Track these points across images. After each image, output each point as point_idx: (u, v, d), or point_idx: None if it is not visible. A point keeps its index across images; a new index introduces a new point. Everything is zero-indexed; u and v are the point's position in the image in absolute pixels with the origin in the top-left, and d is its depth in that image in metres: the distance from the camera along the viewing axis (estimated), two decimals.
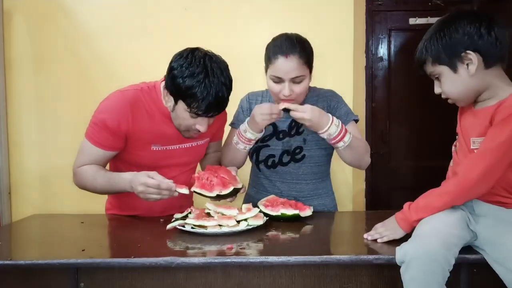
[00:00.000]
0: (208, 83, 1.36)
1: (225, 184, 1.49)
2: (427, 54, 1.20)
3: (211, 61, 1.40)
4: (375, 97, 2.78)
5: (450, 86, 1.19)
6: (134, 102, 1.48)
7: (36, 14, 2.37)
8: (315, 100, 1.69)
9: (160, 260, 1.13)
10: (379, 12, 2.73)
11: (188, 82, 1.36)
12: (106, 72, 2.38)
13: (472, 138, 1.19)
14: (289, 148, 1.68)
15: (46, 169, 2.42)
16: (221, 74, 1.39)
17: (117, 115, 1.45)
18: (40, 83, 2.40)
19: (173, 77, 1.39)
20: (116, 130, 1.46)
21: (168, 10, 2.36)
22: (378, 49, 2.76)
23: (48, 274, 1.18)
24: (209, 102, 1.37)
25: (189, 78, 1.36)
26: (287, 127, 1.69)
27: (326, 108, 1.66)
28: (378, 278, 1.17)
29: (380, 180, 2.80)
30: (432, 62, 1.20)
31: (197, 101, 1.37)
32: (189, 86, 1.36)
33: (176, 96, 1.42)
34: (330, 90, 1.75)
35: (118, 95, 1.50)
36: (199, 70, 1.36)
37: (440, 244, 1.05)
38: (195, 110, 1.40)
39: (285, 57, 1.50)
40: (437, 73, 1.21)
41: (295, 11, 2.32)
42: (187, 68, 1.37)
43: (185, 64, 1.38)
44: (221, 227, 1.35)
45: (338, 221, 1.60)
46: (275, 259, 1.13)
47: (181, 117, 1.46)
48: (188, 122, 1.46)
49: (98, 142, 1.48)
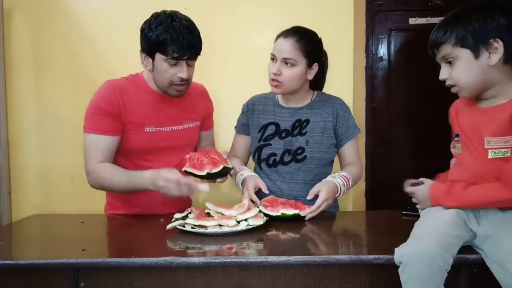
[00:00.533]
0: (176, 25, 1.48)
1: (216, 163, 1.52)
2: (451, 35, 1.18)
3: (174, 12, 1.54)
4: (375, 97, 2.78)
5: (464, 71, 1.17)
6: (122, 88, 1.58)
7: (36, 14, 2.37)
8: (322, 105, 1.71)
9: (160, 260, 1.13)
10: (379, 12, 2.73)
11: (157, 31, 1.48)
12: (106, 72, 2.36)
13: (486, 137, 1.17)
14: (291, 148, 1.68)
15: (46, 169, 2.42)
16: (185, 19, 1.53)
17: (108, 97, 1.55)
18: (40, 83, 2.40)
19: (144, 36, 1.52)
20: (111, 111, 1.54)
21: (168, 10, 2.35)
22: (378, 49, 2.76)
23: (48, 274, 1.18)
24: (181, 43, 1.47)
25: (157, 28, 1.48)
26: (290, 127, 1.69)
27: (332, 115, 1.69)
28: (378, 278, 1.17)
29: (380, 180, 2.80)
30: (454, 43, 1.17)
31: (170, 44, 1.47)
32: (159, 33, 1.48)
33: (151, 51, 1.52)
34: (338, 98, 1.77)
35: (105, 84, 1.61)
36: (164, 18, 1.50)
37: (438, 244, 1.05)
38: (170, 54, 1.48)
39: (284, 37, 1.60)
40: (453, 56, 1.18)
41: (295, 11, 2.32)
42: (154, 22, 1.50)
43: (152, 20, 1.52)
44: (221, 227, 1.35)
45: (338, 221, 1.60)
46: (275, 259, 1.13)
47: (161, 69, 1.53)
48: (169, 73, 1.53)
49: (100, 129, 1.54)
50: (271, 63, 1.63)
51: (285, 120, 1.70)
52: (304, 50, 1.59)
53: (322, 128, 1.68)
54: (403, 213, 1.56)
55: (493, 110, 1.18)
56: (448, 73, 1.20)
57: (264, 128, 1.73)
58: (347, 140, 1.70)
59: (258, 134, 1.74)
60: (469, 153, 1.22)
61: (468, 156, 1.22)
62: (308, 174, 1.69)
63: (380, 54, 2.76)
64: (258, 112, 1.76)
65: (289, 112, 1.71)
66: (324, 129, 1.68)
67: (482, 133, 1.19)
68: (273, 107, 1.74)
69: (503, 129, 1.14)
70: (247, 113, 1.78)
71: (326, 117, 1.69)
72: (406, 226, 1.24)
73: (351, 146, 1.71)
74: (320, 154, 1.68)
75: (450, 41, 1.18)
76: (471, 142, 1.21)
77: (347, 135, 1.69)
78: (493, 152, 1.16)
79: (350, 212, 2.27)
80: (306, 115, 1.70)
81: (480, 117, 1.21)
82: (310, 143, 1.67)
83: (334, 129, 1.69)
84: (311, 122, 1.69)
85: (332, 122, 1.69)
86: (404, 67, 2.74)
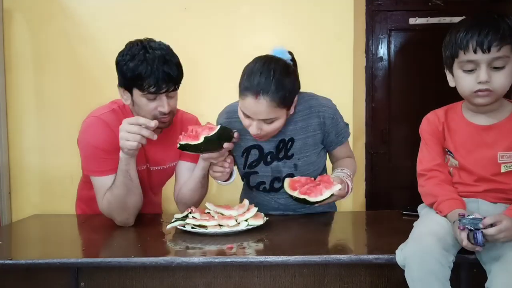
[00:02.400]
0: (150, 57, 1.37)
1: (211, 128, 1.39)
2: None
3: (148, 41, 1.43)
4: (375, 97, 2.78)
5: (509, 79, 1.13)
6: (113, 125, 1.45)
7: (36, 14, 2.37)
8: (306, 116, 1.52)
9: (160, 260, 1.13)
10: (379, 12, 2.73)
11: (131, 65, 1.38)
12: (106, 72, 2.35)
13: (500, 152, 1.17)
14: (280, 175, 1.55)
15: (46, 169, 2.42)
16: (159, 48, 1.41)
17: (102, 136, 1.44)
18: (40, 83, 2.40)
19: (120, 70, 1.42)
20: (109, 150, 1.44)
21: (168, 10, 2.36)
22: (378, 49, 2.76)
23: (49, 274, 1.18)
24: (156, 76, 1.36)
25: (130, 61, 1.38)
26: (274, 149, 1.54)
27: (319, 124, 1.51)
28: (378, 278, 1.17)
29: (380, 180, 2.80)
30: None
31: (145, 79, 1.37)
32: (133, 67, 1.37)
33: (128, 86, 1.42)
34: (324, 100, 1.56)
35: (93, 120, 1.47)
36: (137, 50, 1.39)
37: (436, 241, 1.05)
38: (147, 90, 1.38)
39: (255, 97, 1.33)
40: (506, 61, 1.11)
41: (295, 11, 2.32)
42: (127, 54, 1.40)
43: (125, 51, 1.42)
44: (221, 227, 1.35)
45: (338, 221, 1.60)
46: (275, 259, 1.13)
47: (141, 104, 1.43)
48: (149, 107, 1.42)
49: (104, 170, 1.45)
50: (243, 118, 1.41)
51: (267, 142, 1.53)
52: (282, 103, 1.36)
53: (309, 146, 1.53)
54: (403, 213, 1.56)
55: (503, 125, 1.19)
56: (489, 76, 1.12)
57: (247, 152, 1.56)
58: (337, 146, 1.58)
59: (241, 159, 1.58)
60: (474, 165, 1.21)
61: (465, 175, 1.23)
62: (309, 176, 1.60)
63: (380, 54, 2.76)
64: (237, 131, 1.48)
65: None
66: (313, 145, 1.53)
67: (493, 149, 1.19)
68: None
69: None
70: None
71: (313, 131, 1.52)
72: (406, 226, 1.24)
73: (343, 149, 1.61)
74: (312, 170, 1.56)
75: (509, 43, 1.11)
76: (478, 159, 1.20)
77: (337, 141, 1.57)
78: (505, 166, 1.17)
79: (350, 212, 2.27)
80: (290, 132, 1.52)
81: (488, 134, 1.20)
82: (299, 167, 1.53)
83: (322, 139, 1.55)
84: (296, 141, 1.52)
85: (320, 133, 1.53)
86: (404, 67, 2.74)
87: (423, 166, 1.29)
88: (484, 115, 1.22)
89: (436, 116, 1.31)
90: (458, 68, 1.17)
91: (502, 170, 1.18)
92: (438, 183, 1.24)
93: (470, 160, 1.22)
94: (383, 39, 2.75)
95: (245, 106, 1.37)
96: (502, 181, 1.18)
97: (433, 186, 1.24)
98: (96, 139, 1.44)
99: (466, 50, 1.12)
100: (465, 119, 1.25)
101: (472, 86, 1.14)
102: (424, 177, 1.28)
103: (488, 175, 1.19)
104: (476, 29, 1.11)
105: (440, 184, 1.24)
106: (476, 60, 1.12)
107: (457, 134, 1.26)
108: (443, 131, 1.28)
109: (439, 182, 1.24)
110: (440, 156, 1.28)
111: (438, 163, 1.27)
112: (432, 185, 1.25)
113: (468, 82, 1.15)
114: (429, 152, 1.29)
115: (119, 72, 1.43)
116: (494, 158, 1.18)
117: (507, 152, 1.17)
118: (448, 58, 1.20)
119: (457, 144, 1.25)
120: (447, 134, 1.27)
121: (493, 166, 1.18)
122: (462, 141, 1.24)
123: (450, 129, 1.27)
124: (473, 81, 1.14)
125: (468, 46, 1.12)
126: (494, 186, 1.19)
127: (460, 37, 1.14)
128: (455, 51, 1.16)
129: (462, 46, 1.13)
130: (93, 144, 1.44)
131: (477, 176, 1.21)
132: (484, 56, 1.10)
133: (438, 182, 1.24)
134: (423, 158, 1.31)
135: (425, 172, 1.28)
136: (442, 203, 1.18)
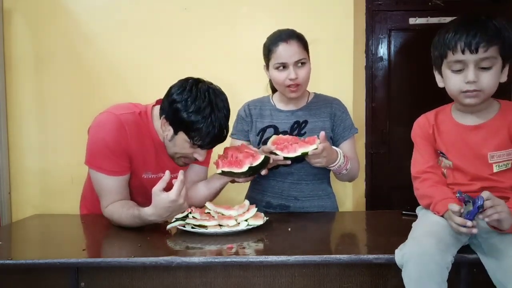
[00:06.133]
0: (214, 118, 1.36)
1: (254, 156, 1.43)
2: (503, 38, 1.12)
3: (215, 95, 1.39)
4: (375, 97, 2.78)
5: (496, 79, 1.15)
6: (131, 129, 1.44)
7: (36, 14, 2.37)
8: (319, 106, 1.71)
9: (160, 259, 1.13)
10: (379, 12, 2.73)
11: (194, 118, 1.35)
12: (106, 72, 2.38)
13: (489, 152, 1.18)
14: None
15: (46, 169, 2.42)
16: (224, 107, 1.41)
17: (117, 137, 1.42)
18: (40, 83, 2.40)
19: (176, 110, 1.37)
20: (119, 151, 1.43)
21: (168, 10, 2.36)
22: (378, 49, 2.76)
23: (49, 274, 1.18)
24: (214, 136, 1.38)
25: (194, 113, 1.35)
26: (289, 129, 1.69)
27: (330, 115, 1.69)
28: (378, 278, 1.17)
29: (380, 180, 2.80)
30: (502, 48, 1.12)
31: (202, 136, 1.37)
32: (195, 121, 1.35)
33: (178, 128, 1.40)
34: (335, 98, 1.76)
35: (114, 118, 1.44)
36: (204, 105, 1.36)
37: (435, 243, 1.05)
38: (198, 143, 1.40)
39: (286, 42, 1.58)
40: (493, 62, 1.13)
41: (295, 11, 2.32)
42: (192, 102, 1.36)
43: (190, 99, 1.36)
44: (221, 227, 1.35)
45: (338, 221, 1.60)
46: (275, 258, 1.13)
47: (180, 146, 1.45)
48: (186, 151, 1.46)
49: (110, 170, 1.43)
50: (279, 74, 1.59)
51: (283, 122, 1.69)
52: (306, 48, 1.63)
53: (320, 128, 1.66)
54: (403, 213, 1.56)
55: (490, 125, 1.19)
56: (477, 76, 1.13)
57: (263, 131, 1.71)
58: (343, 140, 1.69)
59: (256, 137, 1.72)
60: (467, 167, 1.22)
61: (458, 175, 1.23)
62: (308, 175, 1.69)
63: (380, 54, 2.76)
64: (255, 116, 1.74)
65: (287, 114, 1.71)
66: (323, 128, 1.67)
67: (480, 149, 1.19)
68: (270, 111, 1.74)
69: (504, 142, 1.16)
70: (246, 118, 1.76)
71: (324, 118, 1.69)
72: (406, 226, 1.24)
73: (348, 145, 1.70)
74: None
75: (497, 45, 1.12)
76: (471, 159, 1.21)
77: (344, 135, 1.69)
78: (497, 166, 1.18)
79: (350, 212, 2.27)
80: (304, 116, 1.70)
81: (476, 134, 1.21)
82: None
83: (331, 129, 1.69)
84: (309, 123, 1.68)
85: (329, 122, 1.69)
86: (404, 67, 2.74)
87: (416, 169, 1.30)
88: (472, 115, 1.22)
89: (426, 119, 1.32)
90: (447, 68, 1.18)
91: (495, 170, 1.18)
92: (433, 185, 1.25)
93: (463, 160, 1.22)
94: (383, 39, 2.74)
95: (280, 55, 1.58)
96: (497, 179, 1.18)
97: (428, 188, 1.25)
98: (108, 137, 1.41)
99: (454, 50, 1.14)
100: (453, 120, 1.26)
101: (460, 86, 1.16)
102: (418, 179, 1.29)
103: (482, 174, 1.19)
104: (464, 30, 1.13)
105: (435, 185, 1.25)
106: (464, 60, 1.13)
107: (446, 135, 1.26)
108: (433, 133, 1.29)
109: (434, 183, 1.25)
110: (432, 159, 1.29)
111: (431, 165, 1.28)
112: (426, 186, 1.26)
113: (456, 82, 1.17)
114: (422, 155, 1.30)
115: (174, 112, 1.38)
116: (485, 158, 1.18)
117: (497, 152, 1.17)
118: (437, 58, 1.21)
119: (448, 145, 1.25)
120: (437, 136, 1.28)
121: (485, 166, 1.19)
122: (452, 142, 1.25)
123: (440, 131, 1.28)
124: (461, 81, 1.15)
125: (456, 46, 1.13)
126: (489, 184, 1.18)
127: (448, 37, 1.15)
128: (444, 51, 1.17)
129: (451, 47, 1.15)
130: (103, 141, 1.42)
131: (471, 175, 1.21)
132: (472, 56, 1.12)
133: (432, 184, 1.25)
134: (416, 162, 1.32)
135: (419, 174, 1.29)
136: (438, 203, 1.19)
